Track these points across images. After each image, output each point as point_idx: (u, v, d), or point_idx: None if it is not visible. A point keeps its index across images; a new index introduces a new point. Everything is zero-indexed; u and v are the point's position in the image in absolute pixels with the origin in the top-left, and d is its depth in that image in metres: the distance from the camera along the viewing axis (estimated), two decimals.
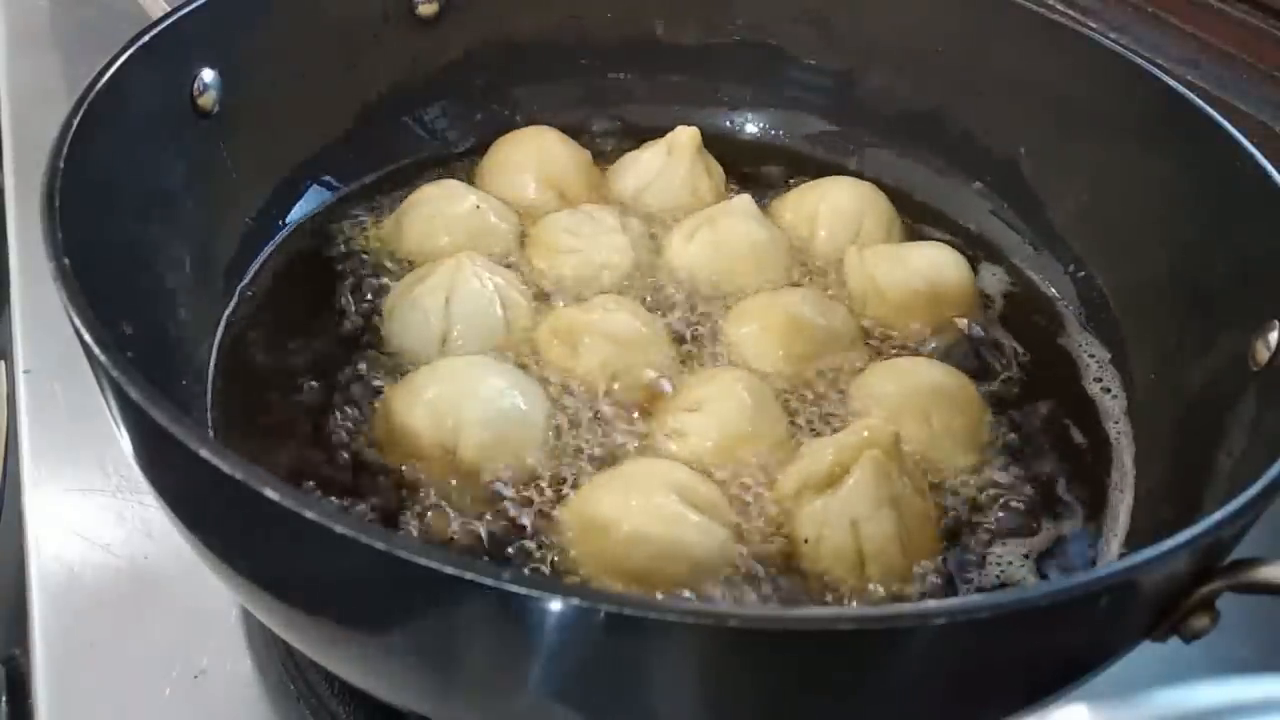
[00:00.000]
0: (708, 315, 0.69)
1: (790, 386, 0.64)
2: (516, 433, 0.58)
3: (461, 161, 0.80)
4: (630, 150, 0.81)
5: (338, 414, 0.60)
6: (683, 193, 0.77)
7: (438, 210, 0.71)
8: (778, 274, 0.72)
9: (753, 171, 0.83)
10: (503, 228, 0.72)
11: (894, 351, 0.68)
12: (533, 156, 0.78)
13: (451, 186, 0.74)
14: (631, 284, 0.70)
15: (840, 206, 0.76)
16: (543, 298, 0.68)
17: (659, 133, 0.80)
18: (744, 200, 0.74)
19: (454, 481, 0.57)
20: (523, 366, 0.63)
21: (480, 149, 0.80)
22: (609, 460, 0.59)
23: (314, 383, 0.62)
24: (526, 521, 0.55)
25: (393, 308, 0.66)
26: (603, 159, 0.82)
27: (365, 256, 0.71)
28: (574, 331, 0.63)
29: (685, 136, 0.78)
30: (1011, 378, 0.68)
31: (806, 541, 0.54)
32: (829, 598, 0.54)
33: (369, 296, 0.68)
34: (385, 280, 0.69)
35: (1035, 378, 0.68)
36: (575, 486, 0.57)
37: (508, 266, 0.69)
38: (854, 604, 0.53)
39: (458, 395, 0.58)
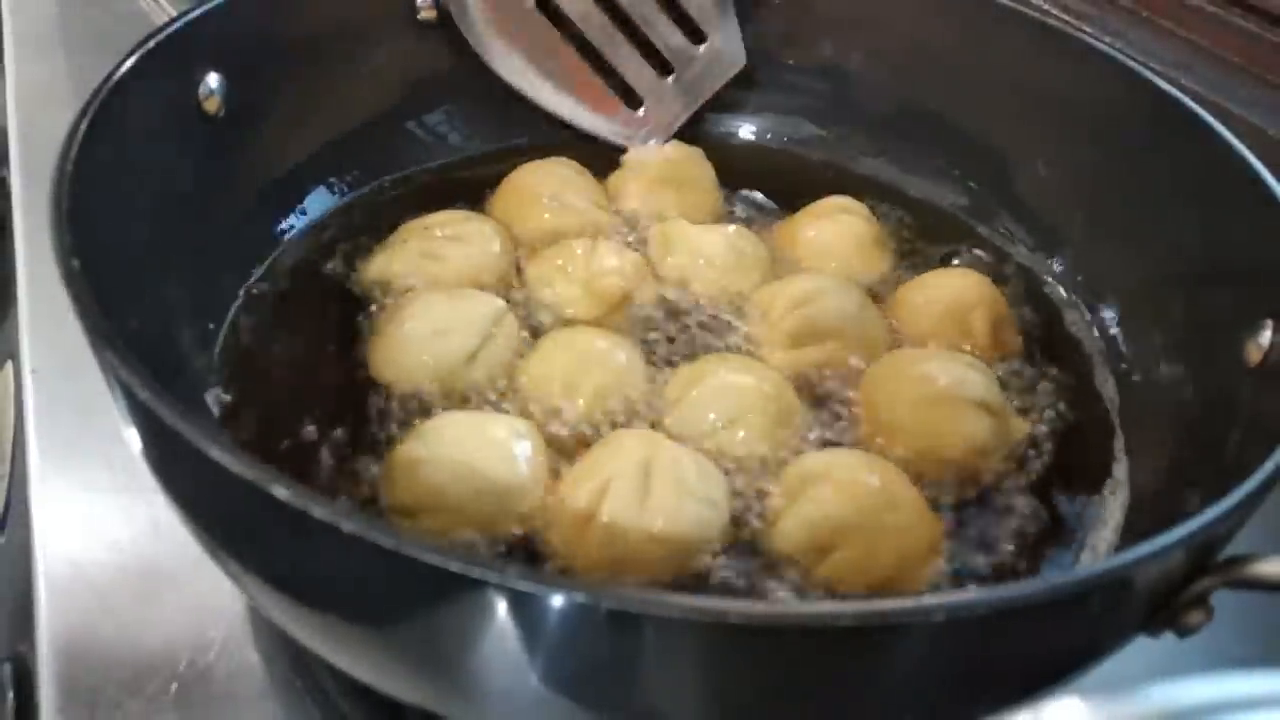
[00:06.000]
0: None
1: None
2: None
3: (465, 166, 0.81)
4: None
5: (347, 407, 0.61)
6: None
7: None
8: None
9: (751, 175, 0.83)
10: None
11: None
12: (546, 187, 0.76)
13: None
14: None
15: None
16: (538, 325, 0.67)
17: None
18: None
19: None
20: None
21: (483, 155, 0.81)
22: None
23: (321, 378, 0.63)
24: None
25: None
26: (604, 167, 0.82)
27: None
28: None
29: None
30: (1008, 376, 0.68)
31: None
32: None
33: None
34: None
35: (1031, 376, 0.68)
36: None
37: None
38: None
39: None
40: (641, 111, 0.82)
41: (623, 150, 0.82)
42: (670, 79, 0.83)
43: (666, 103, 0.83)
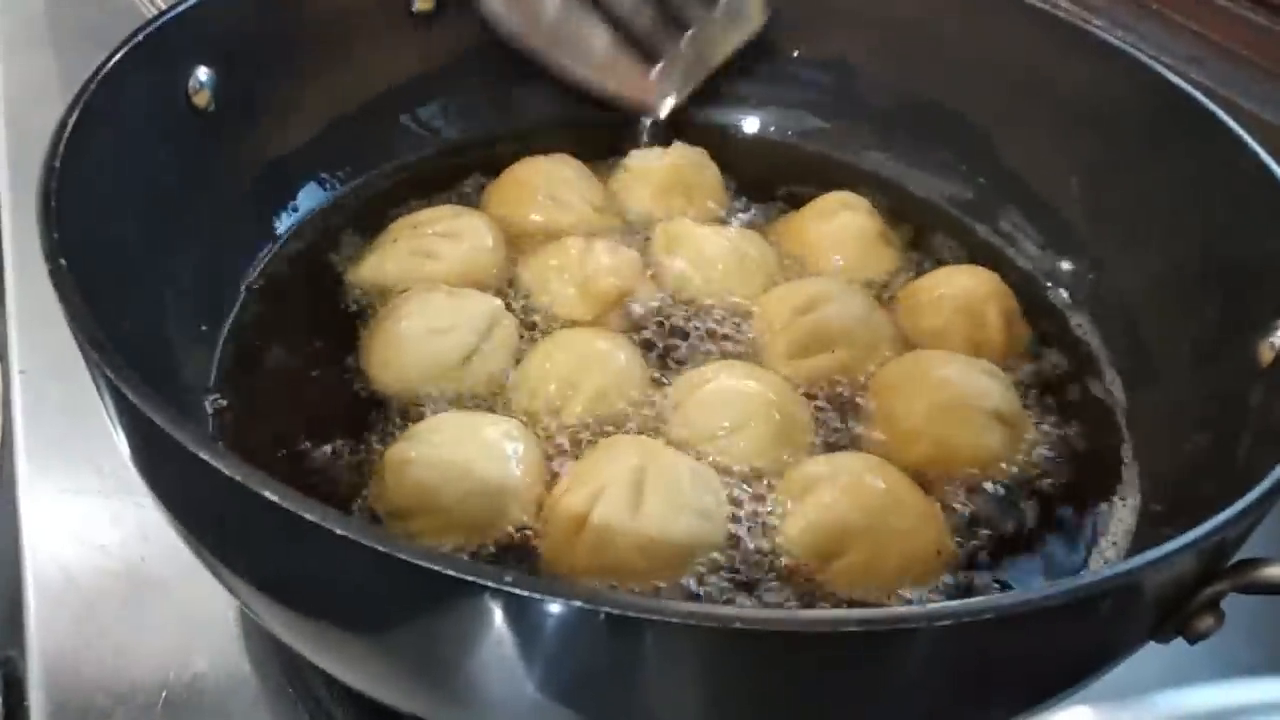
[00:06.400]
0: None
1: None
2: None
3: (459, 158, 0.80)
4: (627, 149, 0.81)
5: (340, 408, 0.61)
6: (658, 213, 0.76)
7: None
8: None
9: (755, 168, 0.82)
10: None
11: None
12: (543, 183, 0.75)
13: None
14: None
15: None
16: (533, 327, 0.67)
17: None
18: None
19: None
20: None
21: (477, 146, 0.80)
22: None
23: (314, 378, 0.62)
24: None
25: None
26: (603, 162, 0.81)
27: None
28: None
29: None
30: (1015, 377, 0.67)
31: None
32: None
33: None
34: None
35: (1039, 377, 0.68)
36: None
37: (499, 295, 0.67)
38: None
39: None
40: (655, 73, 0.81)
41: (626, 142, 0.81)
42: (686, 36, 0.81)
43: (681, 62, 0.81)
